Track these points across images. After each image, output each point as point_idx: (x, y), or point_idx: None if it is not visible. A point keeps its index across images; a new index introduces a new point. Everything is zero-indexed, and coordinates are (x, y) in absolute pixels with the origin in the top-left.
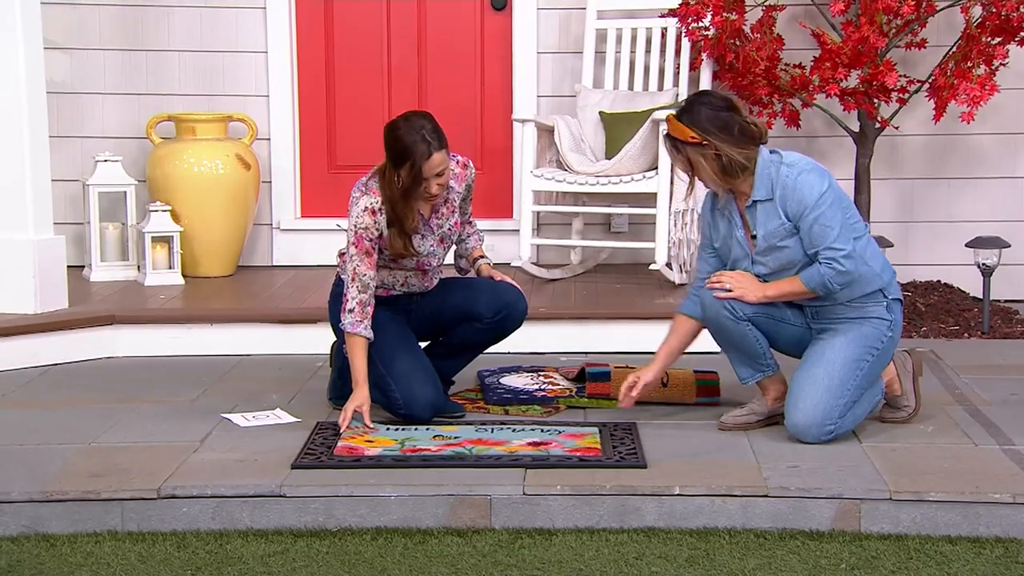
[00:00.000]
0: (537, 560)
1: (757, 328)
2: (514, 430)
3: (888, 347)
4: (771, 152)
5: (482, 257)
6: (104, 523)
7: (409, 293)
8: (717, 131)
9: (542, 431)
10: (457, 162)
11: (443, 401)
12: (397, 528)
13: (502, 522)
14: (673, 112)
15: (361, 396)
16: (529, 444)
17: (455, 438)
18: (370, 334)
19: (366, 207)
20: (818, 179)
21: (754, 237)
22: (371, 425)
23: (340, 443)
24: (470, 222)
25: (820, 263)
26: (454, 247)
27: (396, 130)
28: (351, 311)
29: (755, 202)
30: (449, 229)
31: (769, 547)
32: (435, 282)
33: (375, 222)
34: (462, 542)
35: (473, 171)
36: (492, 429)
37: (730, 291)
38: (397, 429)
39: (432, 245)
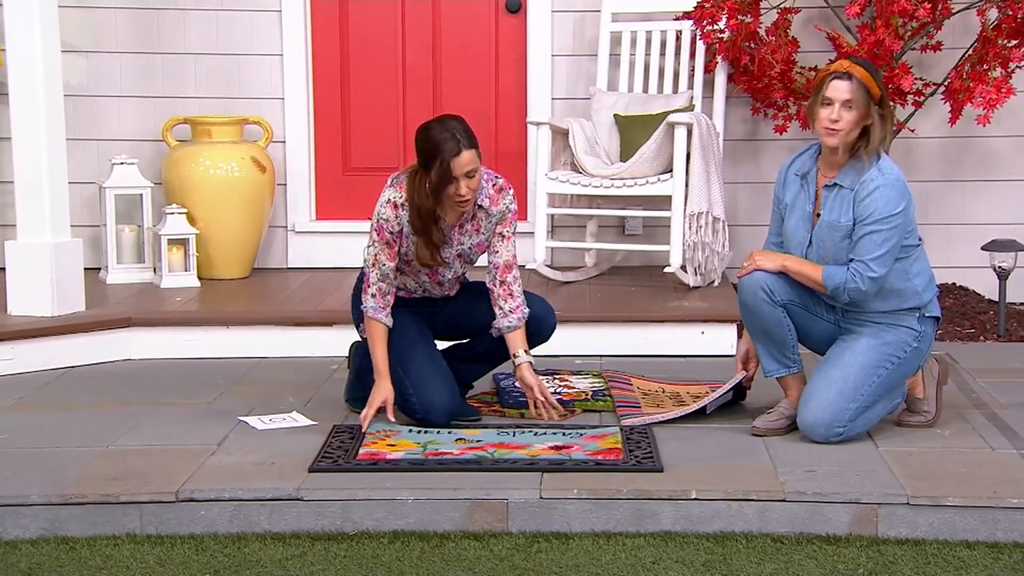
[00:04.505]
0: (554, 564)
1: (790, 318)
2: (536, 433)
3: (912, 357)
4: None
5: (522, 352)
6: (123, 526)
7: (430, 298)
8: (887, 104)
9: (563, 434)
10: (494, 185)
11: (459, 405)
12: (414, 531)
13: (519, 526)
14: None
15: (385, 389)
16: (551, 448)
17: (477, 442)
18: (390, 322)
19: (389, 199)
20: (896, 199)
21: (819, 216)
22: (393, 419)
23: (362, 450)
24: (512, 274)
25: (848, 268)
26: (495, 314)
27: (427, 130)
28: (372, 296)
29: (836, 184)
30: (470, 248)
31: (786, 551)
32: (455, 291)
33: (396, 216)
34: (479, 546)
35: (511, 200)
36: (514, 433)
37: (748, 267)
38: (419, 432)
39: (449, 257)
